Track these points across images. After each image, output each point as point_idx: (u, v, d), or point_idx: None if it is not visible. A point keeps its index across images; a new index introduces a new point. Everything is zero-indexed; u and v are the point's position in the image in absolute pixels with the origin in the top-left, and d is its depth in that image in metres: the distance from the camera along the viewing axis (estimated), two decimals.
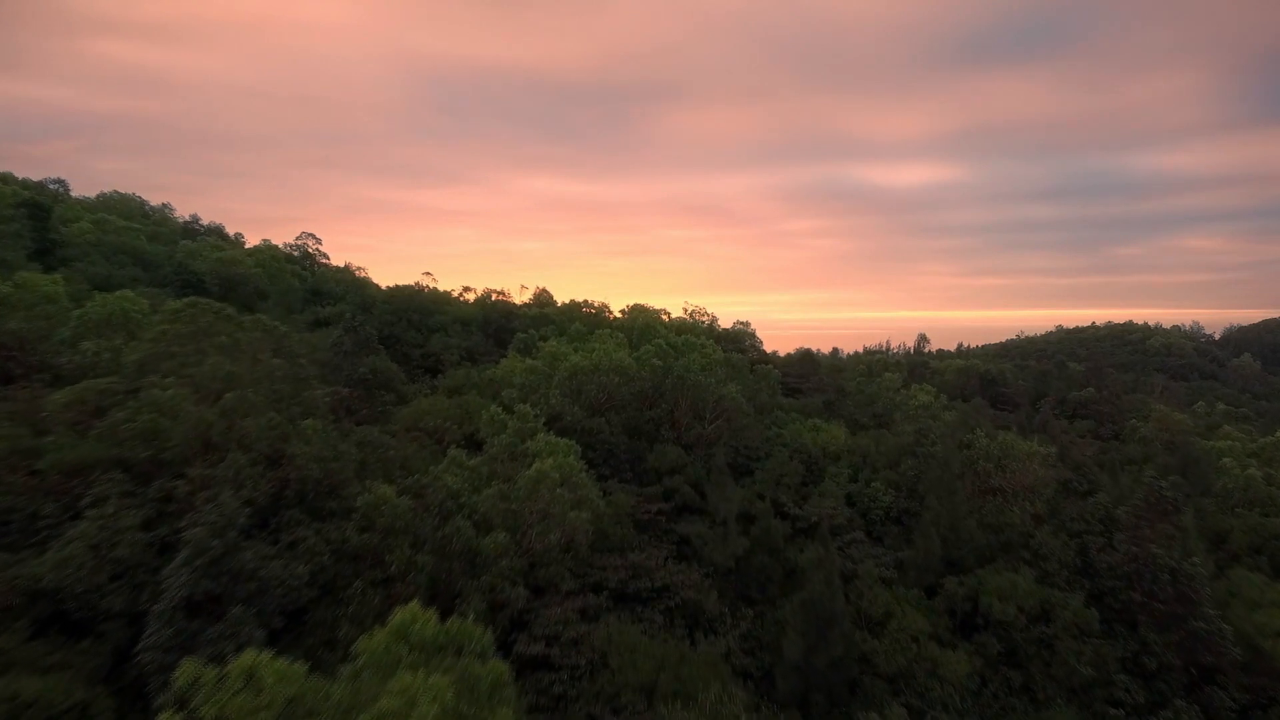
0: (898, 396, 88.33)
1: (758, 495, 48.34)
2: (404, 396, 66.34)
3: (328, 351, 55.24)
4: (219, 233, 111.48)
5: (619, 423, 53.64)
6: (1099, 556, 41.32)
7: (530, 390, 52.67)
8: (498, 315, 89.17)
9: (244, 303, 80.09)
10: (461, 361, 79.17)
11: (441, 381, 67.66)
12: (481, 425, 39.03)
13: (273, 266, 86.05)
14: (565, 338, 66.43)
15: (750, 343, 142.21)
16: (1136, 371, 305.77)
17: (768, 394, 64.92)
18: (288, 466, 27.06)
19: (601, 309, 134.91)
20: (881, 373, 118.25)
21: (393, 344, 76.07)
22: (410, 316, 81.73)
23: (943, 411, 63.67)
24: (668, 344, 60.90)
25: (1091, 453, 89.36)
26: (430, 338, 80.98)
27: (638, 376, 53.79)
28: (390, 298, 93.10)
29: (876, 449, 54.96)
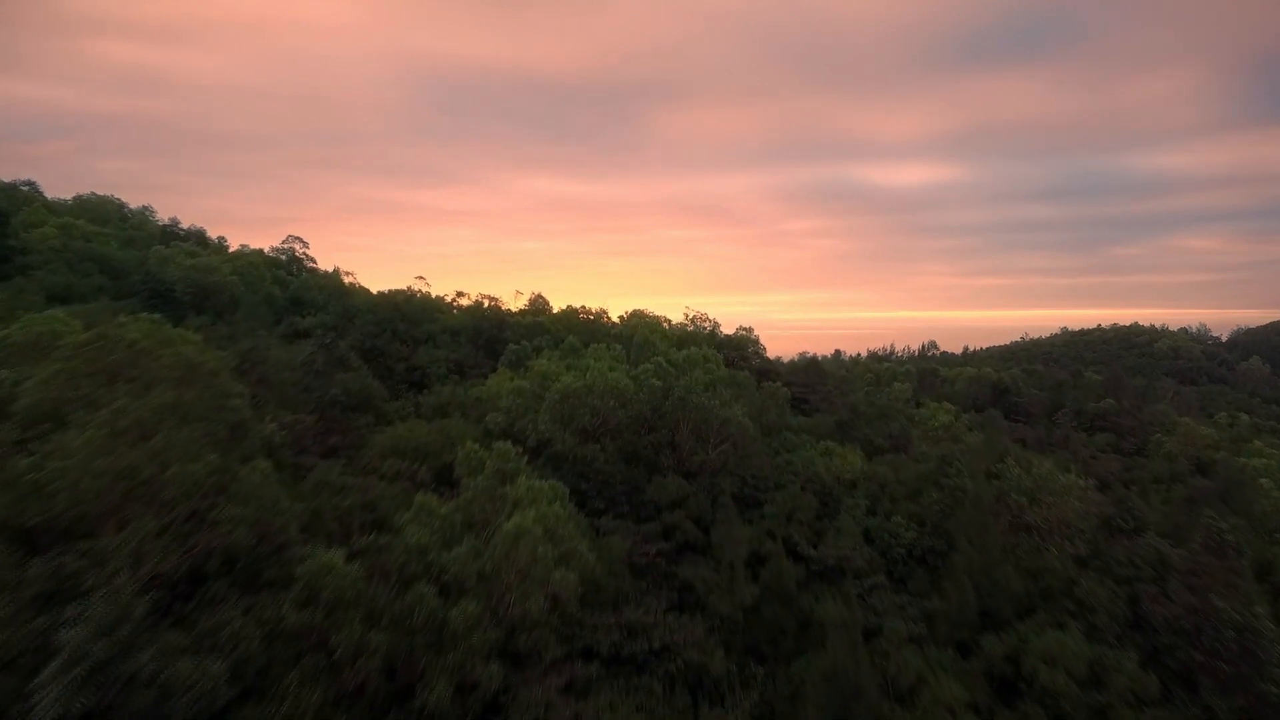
0: (915, 414, 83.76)
1: (767, 533, 43.77)
2: (385, 415, 61.86)
3: (298, 371, 50.66)
4: (199, 237, 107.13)
5: (615, 449, 49.13)
6: (1153, 608, 36.72)
7: (518, 415, 48.13)
8: (489, 325, 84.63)
9: (219, 313, 75.69)
10: (449, 375, 74.61)
11: (425, 399, 63.11)
12: (458, 462, 34.50)
13: (251, 274, 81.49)
14: (559, 352, 61.91)
15: (754, 349, 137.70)
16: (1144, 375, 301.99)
17: (776, 413, 60.40)
18: (209, 532, 22.56)
19: (599, 315, 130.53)
20: (890, 382, 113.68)
21: (376, 357, 71.50)
22: (396, 327, 77.16)
23: (965, 432, 59.12)
24: (668, 362, 56.34)
25: (1116, 470, 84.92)
26: (417, 349, 76.42)
27: (635, 399, 49.24)
28: (376, 306, 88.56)
29: (895, 477, 50.40)
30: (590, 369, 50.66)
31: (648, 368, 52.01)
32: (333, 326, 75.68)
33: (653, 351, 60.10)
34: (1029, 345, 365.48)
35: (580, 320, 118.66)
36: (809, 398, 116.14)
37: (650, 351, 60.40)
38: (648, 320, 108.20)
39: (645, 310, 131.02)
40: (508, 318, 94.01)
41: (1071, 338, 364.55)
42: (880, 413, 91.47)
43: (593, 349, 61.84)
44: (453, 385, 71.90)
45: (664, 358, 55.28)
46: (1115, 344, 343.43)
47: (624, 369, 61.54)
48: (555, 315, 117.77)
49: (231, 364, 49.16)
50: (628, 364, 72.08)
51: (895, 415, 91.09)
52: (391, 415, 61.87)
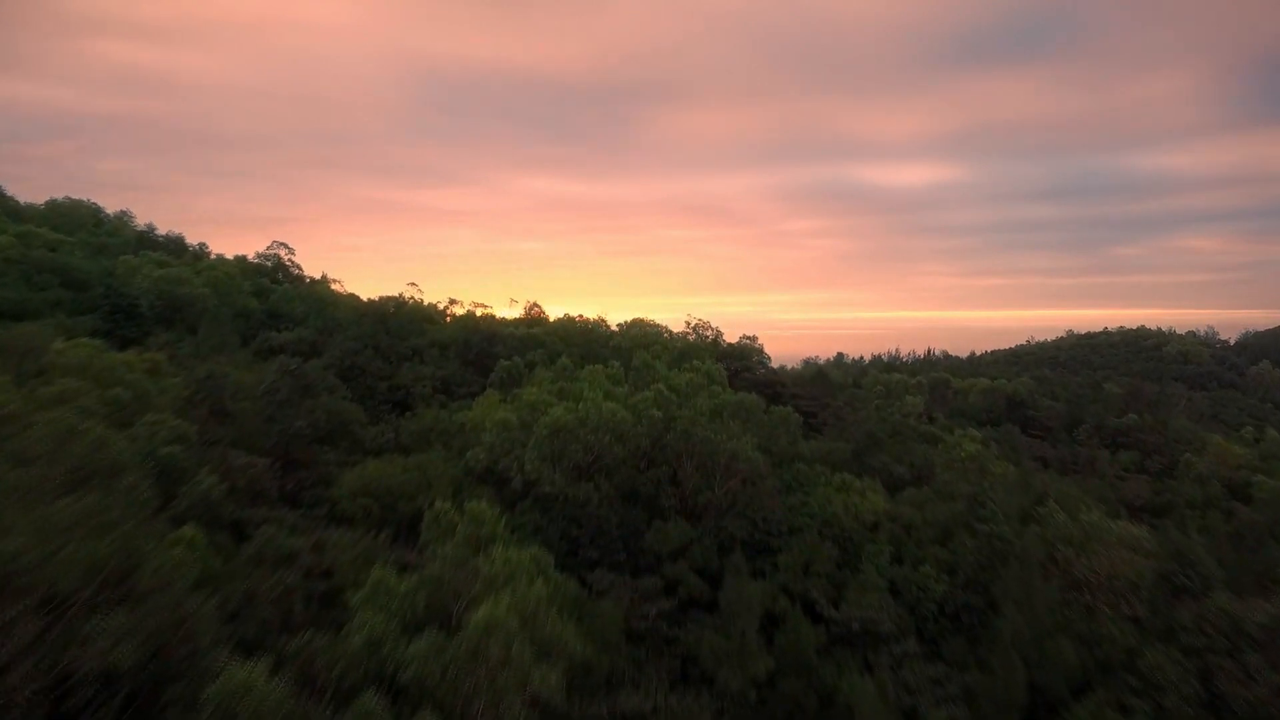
0: (931, 432, 78.91)
1: (782, 589, 38.86)
2: (361, 443, 56.94)
3: (260, 399, 45.72)
4: (176, 244, 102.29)
5: (611, 488, 44.26)
6: (1232, 688, 31.77)
7: (502, 451, 43.22)
8: (479, 339, 79.69)
9: (193, 327, 70.78)
10: (435, 395, 69.66)
11: (407, 423, 58.16)
12: (425, 525, 29.56)
13: (225, 285, 76.60)
14: (551, 373, 56.96)
15: (758, 358, 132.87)
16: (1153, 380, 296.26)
17: (787, 440, 55.44)
18: (82, 649, 17.57)
19: (598, 324, 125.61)
20: (902, 395, 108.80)
21: (356, 376, 66.57)
22: (379, 342, 72.22)
23: (993, 461, 54.23)
24: (669, 387, 51.40)
25: (1145, 494, 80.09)
26: (401, 367, 71.47)
27: (633, 433, 44.32)
28: (360, 318, 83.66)
29: (922, 518, 45.48)
30: (584, 398, 45.73)
31: (646, 396, 47.07)
32: (310, 343, 70.82)
33: (652, 375, 55.14)
34: (1035, 349, 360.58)
35: (577, 328, 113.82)
36: (816, 412, 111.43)
37: (650, 375, 55.43)
38: (648, 331, 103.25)
39: (645, 319, 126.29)
40: (499, 330, 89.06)
41: (1078, 341, 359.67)
42: (896, 433, 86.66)
43: (588, 371, 56.88)
44: (438, 407, 66.96)
45: (664, 383, 50.32)
46: (1123, 348, 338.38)
47: (622, 392, 56.70)
48: (551, 325, 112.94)
49: (184, 393, 44.44)
50: (626, 384, 67.29)
51: (911, 438, 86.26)
52: (369, 442, 57.00)
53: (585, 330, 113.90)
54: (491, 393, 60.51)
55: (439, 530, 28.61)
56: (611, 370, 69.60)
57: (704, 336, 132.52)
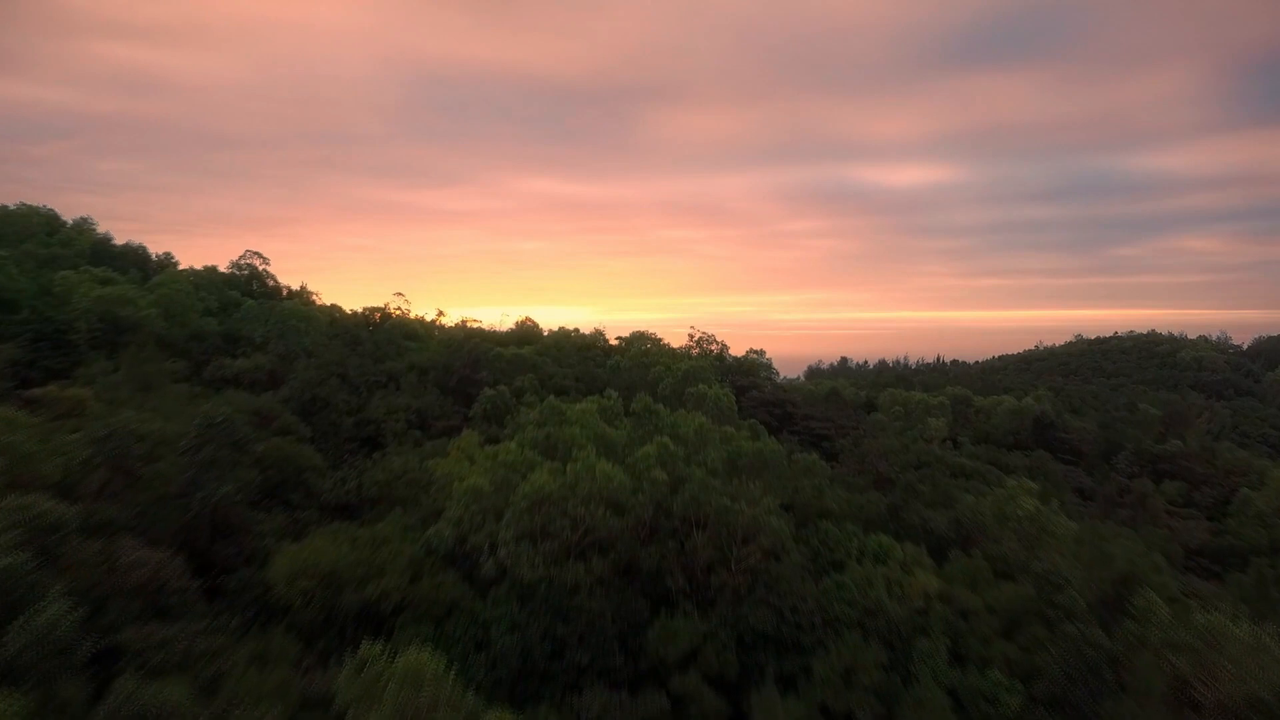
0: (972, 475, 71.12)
1: (821, 710, 30.92)
2: (317, 494, 48.97)
3: (180, 460, 37.56)
4: (136, 255, 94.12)
5: (605, 566, 36.34)
6: None
7: (472, 527, 35.24)
8: (462, 363, 71.71)
9: None
10: (409, 430, 61.67)
11: (370, 474, 50.13)
12: (339, 689, 21.45)
13: (178, 304, 68.56)
14: (538, 414, 48.87)
15: (765, 374, 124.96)
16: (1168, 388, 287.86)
17: (812, 492, 47.47)
18: None
19: (595, 337, 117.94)
20: (924, 417, 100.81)
21: (319, 410, 58.62)
22: (346, 370, 64.21)
23: (1056, 520, 46.26)
24: (675, 436, 43.45)
25: (1203, 537, 72.11)
26: (371, 398, 63.47)
27: (633, 502, 36.35)
28: (331, 340, 75.70)
29: (982, 602, 37.52)
30: (573, 454, 37.74)
31: (648, 453, 39.05)
32: (269, 371, 62.90)
33: (655, 421, 47.09)
34: (1044, 354, 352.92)
35: (573, 344, 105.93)
36: (830, 435, 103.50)
37: (652, 421, 47.39)
38: (649, 351, 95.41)
39: (645, 332, 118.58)
40: (486, 351, 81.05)
41: (1088, 346, 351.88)
42: (921, 464, 78.75)
43: (580, 411, 48.81)
44: (411, 445, 59.05)
45: (669, 436, 42.27)
46: (1135, 354, 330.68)
47: (620, 435, 48.74)
48: (545, 341, 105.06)
49: (81, 455, 36.43)
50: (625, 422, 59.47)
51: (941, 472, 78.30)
52: (327, 494, 49.01)
53: (581, 347, 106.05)
54: (470, 433, 52.48)
55: (361, 692, 20.58)
56: (608, 401, 61.86)
57: (708, 349, 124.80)
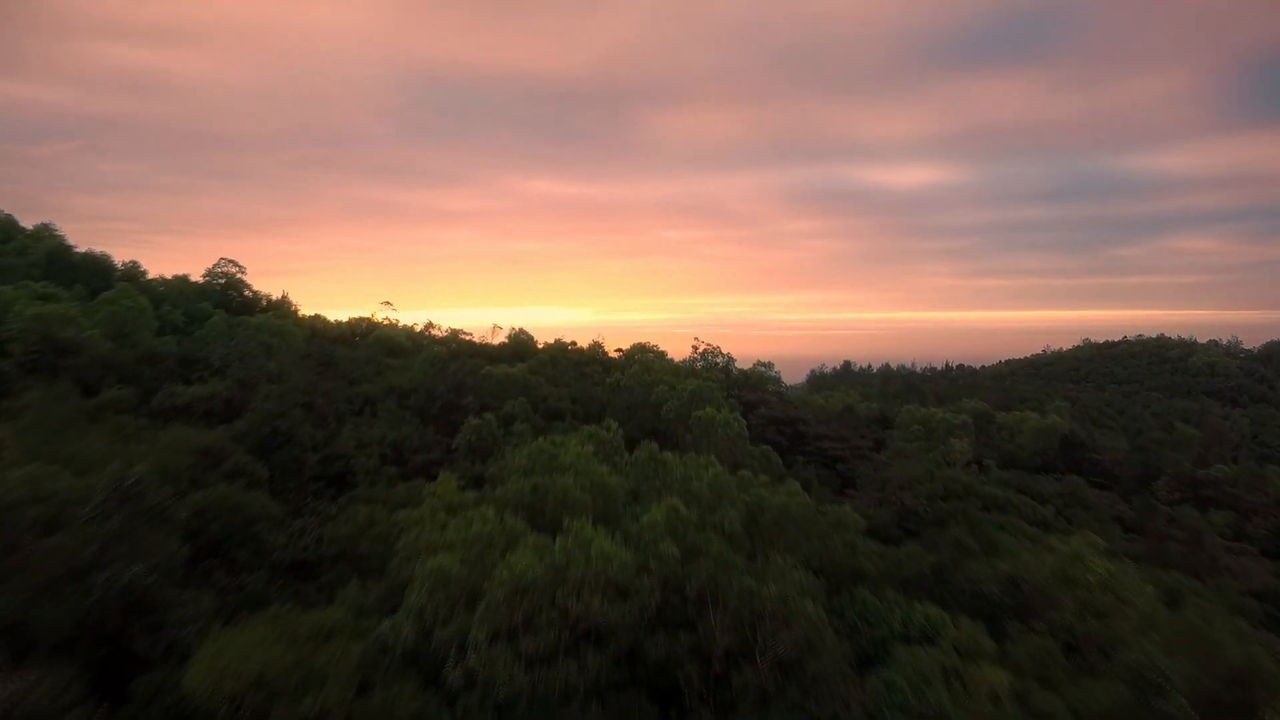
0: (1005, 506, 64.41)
1: None
2: (269, 551, 42.16)
3: (88, 533, 30.67)
4: (96, 264, 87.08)
5: (603, 660, 29.59)
6: None
7: (438, 620, 28.38)
8: (446, 387, 64.84)
9: (77, 380, 56.05)
10: (383, 467, 54.83)
11: (333, 528, 43.28)
12: None
13: (130, 321, 61.67)
14: (524, 459, 41.93)
15: (774, 388, 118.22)
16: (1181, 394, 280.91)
17: (844, 550, 40.62)
18: None
19: (594, 350, 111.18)
20: (945, 437, 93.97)
21: (280, 445, 51.77)
22: (314, 399, 57.29)
23: (1131, 586, 39.47)
24: (688, 494, 36.61)
25: (1265, 577, 65.25)
26: (342, 428, 56.59)
27: (638, 586, 29.51)
28: (303, 359, 68.76)
29: (1063, 705, 30.70)
30: (565, 527, 30.84)
31: (655, 520, 32.19)
32: (226, 400, 56.03)
33: (663, 475, 40.13)
34: (1052, 359, 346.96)
35: (569, 359, 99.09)
36: (845, 457, 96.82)
37: (659, 475, 40.41)
38: (652, 366, 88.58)
39: (647, 344, 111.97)
40: (474, 370, 74.19)
41: (1097, 351, 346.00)
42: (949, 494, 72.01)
43: (575, 452, 41.89)
44: (385, 486, 52.21)
45: (679, 498, 35.33)
46: (1145, 359, 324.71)
47: (623, 480, 41.94)
48: (539, 356, 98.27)
49: None
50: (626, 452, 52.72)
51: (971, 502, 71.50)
52: (280, 551, 42.15)
53: (578, 361, 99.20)
54: (447, 477, 45.58)
55: None
56: (608, 433, 55.21)
57: (713, 360, 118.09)
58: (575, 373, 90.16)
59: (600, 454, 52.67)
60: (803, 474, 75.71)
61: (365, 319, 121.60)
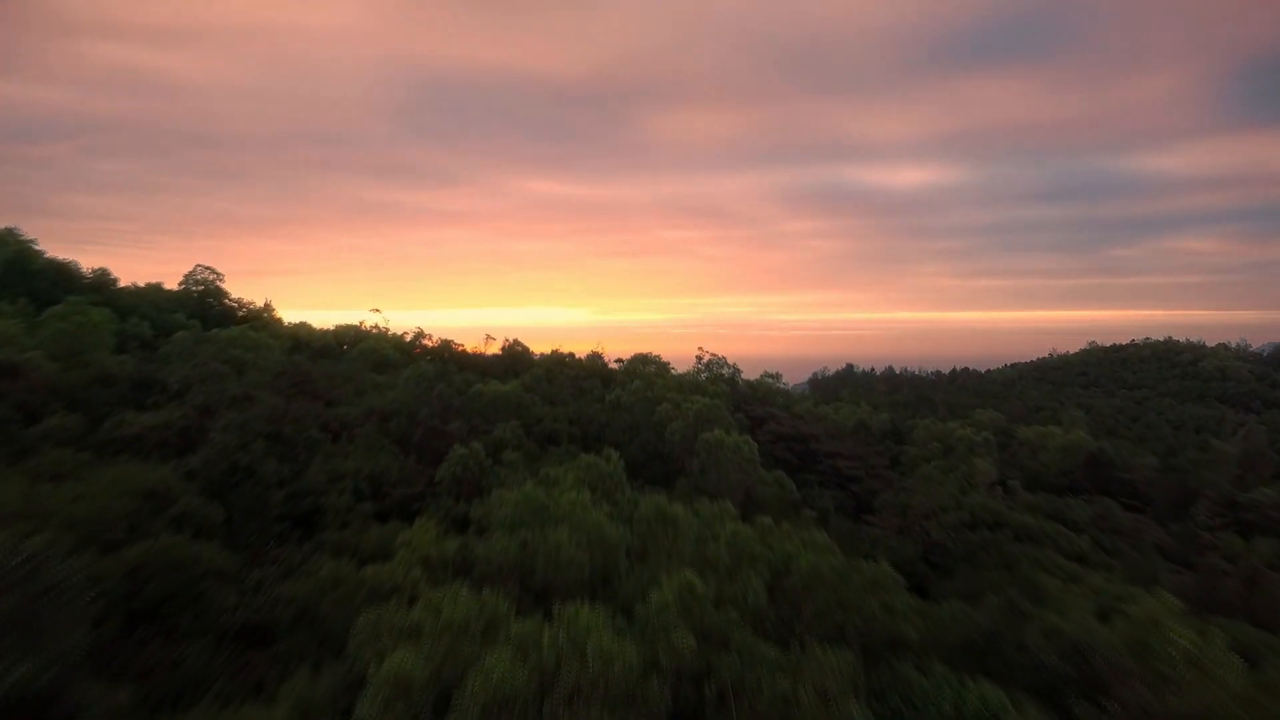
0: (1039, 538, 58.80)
1: None
2: (216, 613, 36.46)
3: None
4: (59, 273, 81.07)
5: None
6: None
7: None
8: (431, 409, 59.10)
9: (17, 405, 50.46)
10: (357, 504, 49.11)
11: (291, 585, 37.58)
12: None
13: (80, 340, 55.95)
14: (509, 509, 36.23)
15: (782, 400, 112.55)
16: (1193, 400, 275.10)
17: (883, 615, 34.89)
18: None
19: (593, 360, 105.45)
20: (967, 456, 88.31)
21: (240, 482, 46.08)
22: (283, 427, 51.55)
23: (1218, 660, 33.88)
24: (704, 562, 30.93)
25: None
26: (311, 460, 50.87)
27: (646, 693, 23.89)
28: (276, 379, 62.97)
29: None
30: (556, 614, 25.19)
31: (666, 601, 26.55)
32: (182, 430, 50.33)
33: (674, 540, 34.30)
34: (1059, 363, 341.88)
35: (567, 373, 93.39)
36: (860, 478, 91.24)
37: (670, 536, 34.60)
38: (655, 381, 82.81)
39: (648, 353, 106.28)
40: (463, 390, 68.46)
41: (1104, 354, 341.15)
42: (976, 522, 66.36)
43: (570, 500, 36.21)
44: (357, 527, 46.52)
45: (692, 563, 29.69)
46: (1154, 362, 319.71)
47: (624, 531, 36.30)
48: (535, 369, 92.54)
49: None
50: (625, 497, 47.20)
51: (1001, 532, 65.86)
52: (229, 615, 36.48)
53: (576, 375, 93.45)
54: (425, 524, 39.92)
55: None
56: (608, 466, 49.64)
57: (718, 371, 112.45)
58: (572, 388, 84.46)
59: (600, 489, 47.17)
60: (819, 503, 70.16)
61: (354, 327, 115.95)
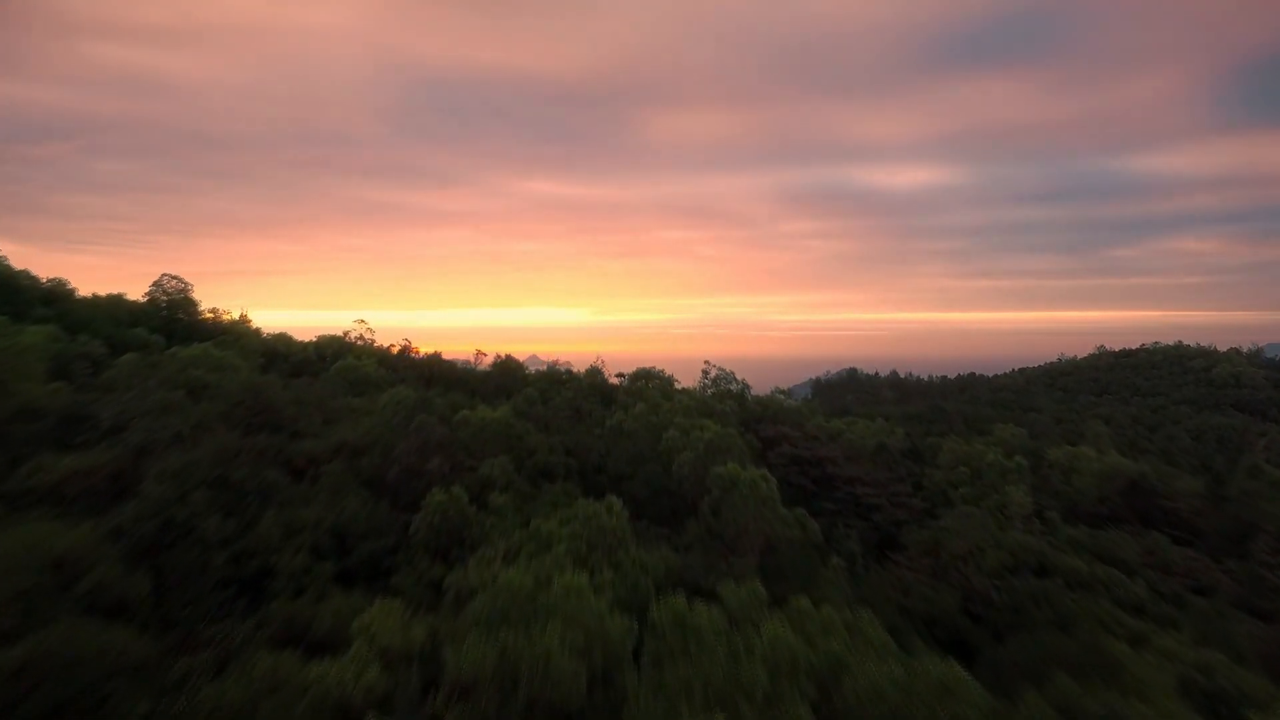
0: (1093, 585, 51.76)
1: None
2: (124, 716, 29.46)
3: None
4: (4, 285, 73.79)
5: None
6: None
7: None
8: (410, 447, 51.89)
9: None
10: (316, 565, 41.88)
11: (222, 686, 30.63)
12: None
13: (8, 368, 48.74)
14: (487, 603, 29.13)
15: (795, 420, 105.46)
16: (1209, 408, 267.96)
17: None
18: None
19: (592, 375, 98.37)
20: (1000, 483, 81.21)
21: (175, 542, 38.98)
22: (233, 471, 44.35)
23: None
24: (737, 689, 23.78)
25: None
26: (264, 512, 43.68)
27: None
28: (237, 405, 55.74)
29: None
30: None
31: None
32: (113, 475, 43.14)
33: (699, 647, 27.13)
34: (1068, 368, 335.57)
35: (566, 393, 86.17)
36: (881, 505, 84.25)
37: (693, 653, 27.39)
38: (660, 404, 75.65)
39: (652, 369, 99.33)
40: (447, 418, 61.23)
41: (1115, 359, 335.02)
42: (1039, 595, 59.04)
43: (566, 584, 29.19)
44: (311, 598, 39.26)
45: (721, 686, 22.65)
46: (1166, 368, 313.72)
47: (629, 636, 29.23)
48: (528, 388, 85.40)
49: None
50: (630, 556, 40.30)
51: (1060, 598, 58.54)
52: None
53: (575, 394, 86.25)
54: (388, 606, 32.76)
55: None
56: (610, 520, 42.62)
57: (725, 386, 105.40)
58: (569, 410, 77.31)
59: (600, 548, 40.13)
60: (845, 545, 63.06)
61: (337, 338, 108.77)
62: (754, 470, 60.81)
